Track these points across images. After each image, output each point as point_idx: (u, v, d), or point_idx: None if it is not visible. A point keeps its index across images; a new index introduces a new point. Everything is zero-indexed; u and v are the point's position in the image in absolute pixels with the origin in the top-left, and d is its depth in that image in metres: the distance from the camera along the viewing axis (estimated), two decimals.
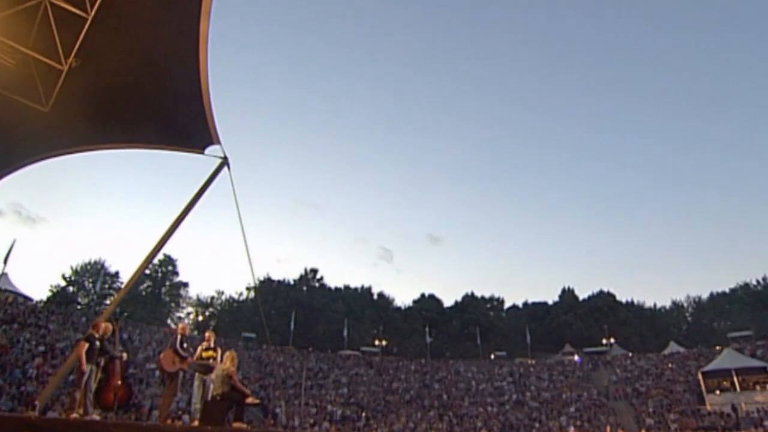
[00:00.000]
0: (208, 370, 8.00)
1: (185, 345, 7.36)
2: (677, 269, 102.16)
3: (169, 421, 7.37)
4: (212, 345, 8.31)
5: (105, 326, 8.09)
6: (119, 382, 7.89)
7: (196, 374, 8.09)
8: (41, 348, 24.55)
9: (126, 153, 15.05)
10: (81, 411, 7.32)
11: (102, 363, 7.83)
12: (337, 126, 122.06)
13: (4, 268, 31.98)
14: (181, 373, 7.23)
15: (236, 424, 6.89)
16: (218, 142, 13.19)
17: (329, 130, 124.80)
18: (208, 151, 13.54)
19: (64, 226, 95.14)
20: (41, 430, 5.53)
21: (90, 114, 11.79)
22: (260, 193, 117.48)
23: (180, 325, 7.82)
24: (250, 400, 7.41)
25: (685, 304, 68.17)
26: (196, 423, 7.46)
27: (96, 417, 7.40)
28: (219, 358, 8.40)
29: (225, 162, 13.50)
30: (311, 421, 31.15)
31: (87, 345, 7.45)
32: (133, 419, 20.69)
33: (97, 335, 7.71)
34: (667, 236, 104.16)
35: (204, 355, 8.13)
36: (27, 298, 35.47)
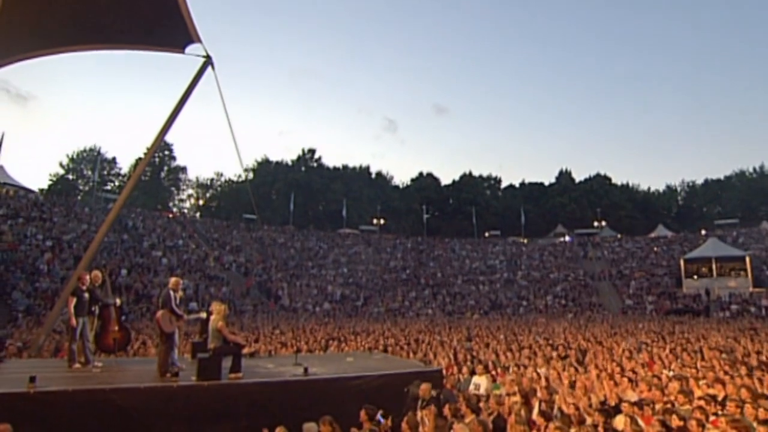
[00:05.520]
0: (205, 324, 8.21)
1: (179, 302, 7.39)
2: (675, 153, 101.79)
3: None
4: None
5: (94, 275, 8.10)
6: (116, 328, 8.13)
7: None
8: (49, 243, 25.24)
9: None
10: (82, 359, 7.64)
11: (96, 312, 7.98)
12: None
13: None
14: (177, 330, 7.37)
15: (232, 375, 7.20)
16: (199, 41, 11.90)
17: None
18: (188, 50, 12.29)
19: (56, 106, 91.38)
20: (42, 404, 5.77)
21: (47, 14, 10.48)
22: (260, 65, 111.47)
23: (172, 280, 7.74)
24: (246, 350, 7.67)
25: (679, 189, 68.75)
26: None
27: (98, 364, 7.73)
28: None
29: (208, 61, 12.36)
30: (312, 301, 33.39)
31: (75, 300, 7.49)
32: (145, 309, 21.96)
33: (84, 287, 7.71)
34: (667, 120, 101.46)
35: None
36: (27, 190, 35.36)
